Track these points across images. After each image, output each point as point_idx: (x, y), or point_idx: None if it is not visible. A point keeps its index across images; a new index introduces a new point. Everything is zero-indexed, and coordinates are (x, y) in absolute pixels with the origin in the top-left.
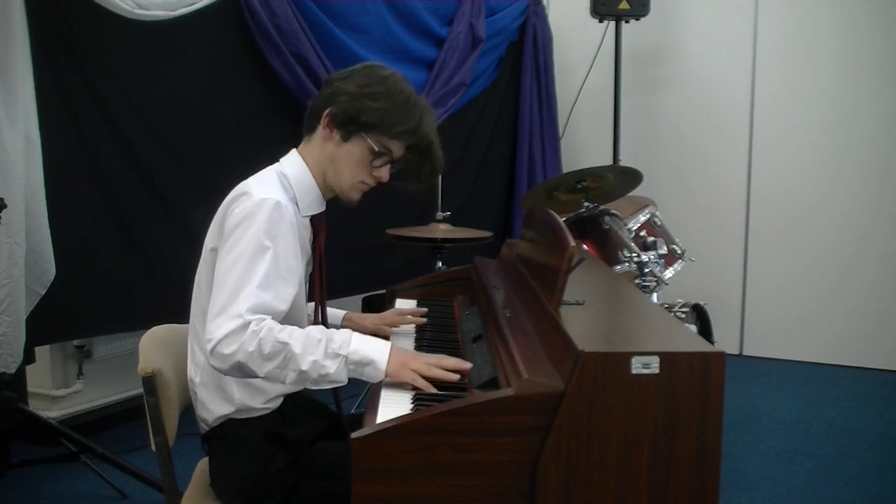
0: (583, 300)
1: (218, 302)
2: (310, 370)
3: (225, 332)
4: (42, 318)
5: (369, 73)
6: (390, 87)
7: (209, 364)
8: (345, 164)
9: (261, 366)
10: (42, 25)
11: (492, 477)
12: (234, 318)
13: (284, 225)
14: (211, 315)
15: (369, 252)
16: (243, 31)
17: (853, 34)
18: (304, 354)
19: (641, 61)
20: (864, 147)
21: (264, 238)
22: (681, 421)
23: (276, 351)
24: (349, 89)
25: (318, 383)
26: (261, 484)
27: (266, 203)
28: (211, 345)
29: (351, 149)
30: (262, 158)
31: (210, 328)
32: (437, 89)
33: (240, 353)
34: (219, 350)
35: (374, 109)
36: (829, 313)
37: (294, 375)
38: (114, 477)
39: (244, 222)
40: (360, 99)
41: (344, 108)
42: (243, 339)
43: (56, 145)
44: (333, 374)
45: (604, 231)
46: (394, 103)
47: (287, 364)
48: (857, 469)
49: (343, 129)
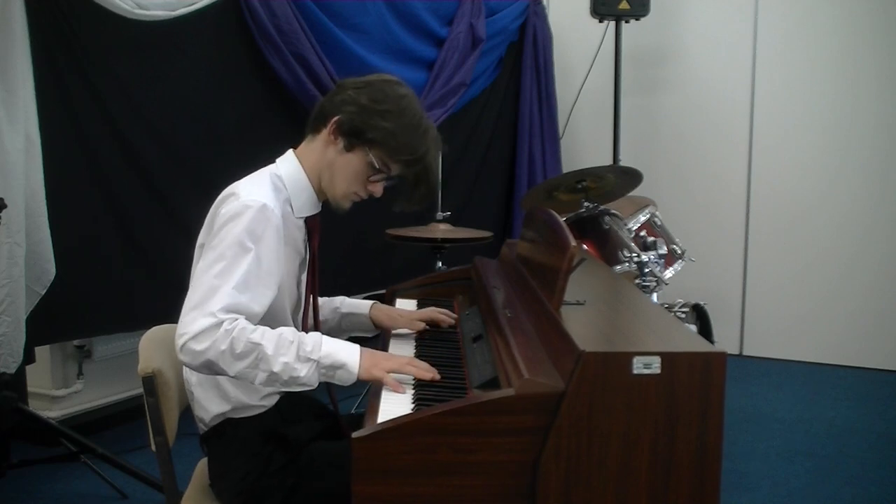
0: (583, 300)
1: (193, 298)
2: (281, 372)
3: (198, 329)
4: (42, 318)
5: (385, 88)
6: (403, 108)
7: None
8: (342, 173)
9: (231, 365)
10: (42, 25)
11: (492, 477)
12: (208, 315)
13: (270, 228)
14: (185, 310)
15: (369, 252)
16: (243, 31)
17: (853, 34)
18: (276, 356)
19: (641, 61)
20: (864, 147)
21: (247, 239)
22: (681, 421)
23: (248, 351)
24: (362, 101)
25: (288, 385)
26: (260, 483)
27: (252, 206)
28: (182, 339)
29: (351, 159)
30: (261, 158)
31: (183, 322)
32: (437, 89)
33: (211, 350)
34: (190, 346)
35: (383, 128)
36: (829, 313)
37: (264, 376)
38: (114, 477)
39: (229, 223)
40: (370, 114)
41: (353, 119)
42: (216, 338)
43: (56, 145)
44: (304, 377)
45: (604, 231)
46: (403, 127)
47: (258, 364)
48: (857, 469)
49: (348, 139)
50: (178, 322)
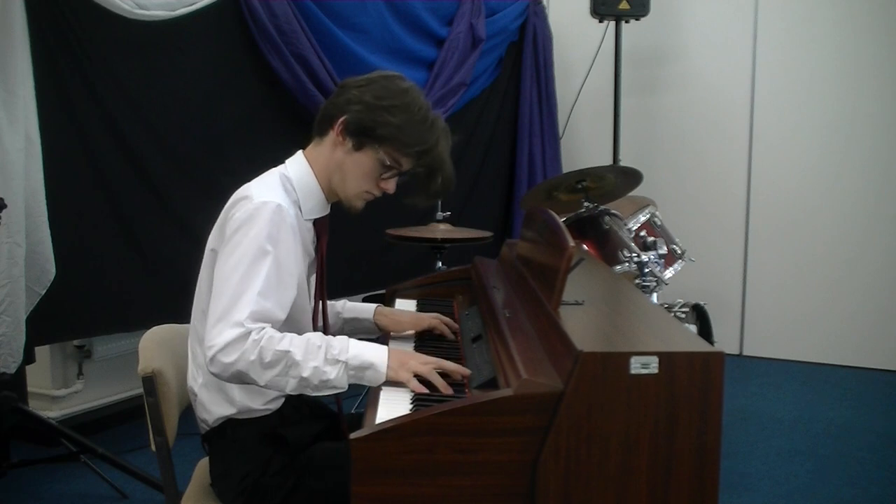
0: (582, 300)
1: (218, 307)
2: (311, 376)
3: (226, 341)
4: (42, 318)
5: (387, 84)
6: (409, 102)
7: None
8: (353, 173)
9: (261, 374)
10: (42, 25)
11: (491, 477)
12: (235, 326)
13: (285, 228)
14: (211, 321)
15: (369, 252)
16: (243, 31)
17: (853, 34)
18: (306, 361)
19: (641, 61)
20: (864, 147)
21: (265, 242)
22: (680, 421)
23: (277, 359)
24: (366, 99)
25: (318, 389)
26: (261, 484)
27: (267, 206)
28: (212, 352)
29: (361, 159)
30: (262, 158)
31: (211, 335)
32: (437, 89)
33: (240, 361)
34: (219, 358)
35: (391, 124)
36: (829, 313)
37: (295, 382)
38: (114, 477)
39: (244, 226)
40: (376, 111)
41: (359, 117)
42: (244, 349)
43: (56, 145)
44: (334, 379)
45: (604, 231)
46: (411, 120)
47: (288, 371)
48: (857, 469)
49: (356, 138)
50: (205, 333)
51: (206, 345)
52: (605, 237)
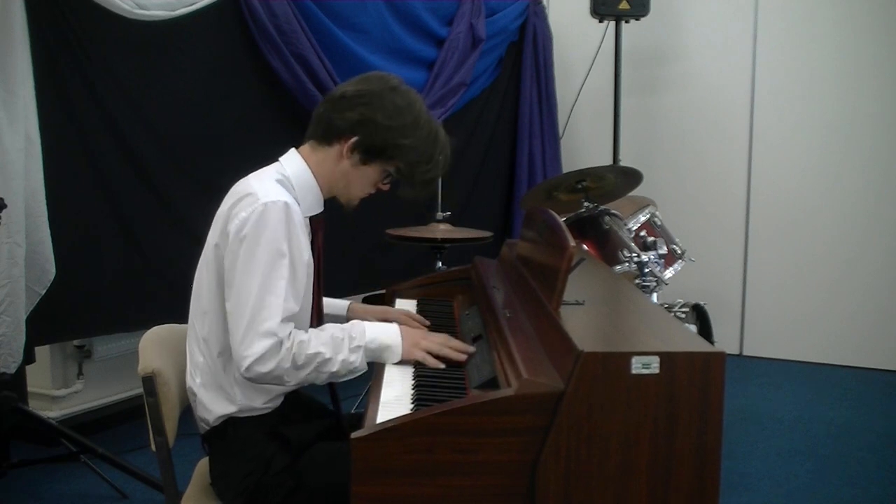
0: (583, 300)
1: (244, 316)
2: (340, 369)
3: (260, 352)
4: (42, 318)
5: (393, 98)
6: (416, 118)
7: (210, 365)
8: (358, 182)
9: (295, 376)
10: (42, 25)
11: (492, 477)
12: (266, 335)
13: (295, 225)
14: (239, 330)
15: (369, 252)
16: (243, 31)
17: (853, 34)
18: (335, 356)
19: (641, 61)
20: (864, 147)
21: (281, 244)
22: (681, 421)
23: (309, 361)
24: (378, 120)
25: (344, 376)
26: (261, 483)
27: (275, 206)
28: (247, 363)
29: (368, 171)
30: (261, 158)
31: (241, 347)
32: (437, 89)
33: (277, 369)
34: (255, 369)
35: (403, 146)
36: (829, 313)
37: (325, 376)
38: (114, 477)
39: (256, 226)
40: (389, 132)
41: (372, 139)
42: (280, 358)
43: (56, 145)
44: (358, 364)
45: (604, 231)
46: (420, 137)
47: (320, 368)
48: (857, 469)
49: (365, 156)
50: (233, 342)
51: (240, 354)
52: (605, 237)
